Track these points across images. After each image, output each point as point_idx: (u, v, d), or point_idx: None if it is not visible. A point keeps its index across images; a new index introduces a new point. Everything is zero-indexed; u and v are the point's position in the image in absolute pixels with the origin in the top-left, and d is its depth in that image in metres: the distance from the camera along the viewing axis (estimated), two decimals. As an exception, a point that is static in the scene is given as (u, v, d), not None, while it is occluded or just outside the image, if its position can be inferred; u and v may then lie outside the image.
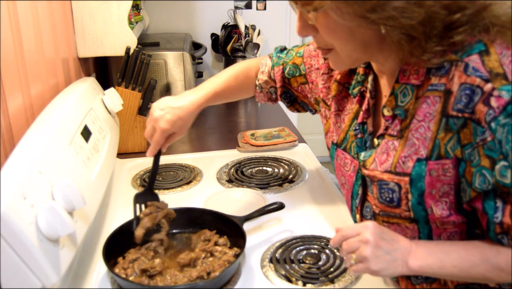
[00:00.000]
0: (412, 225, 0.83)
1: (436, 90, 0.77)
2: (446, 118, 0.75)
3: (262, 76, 1.20)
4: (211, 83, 1.12)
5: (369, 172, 0.87)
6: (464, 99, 0.73)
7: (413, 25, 0.71)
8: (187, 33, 2.25)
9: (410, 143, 0.80)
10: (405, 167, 0.81)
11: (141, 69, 1.51)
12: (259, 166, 1.45)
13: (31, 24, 1.09)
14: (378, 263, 0.77)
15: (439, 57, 0.75)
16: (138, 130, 1.55)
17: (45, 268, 0.75)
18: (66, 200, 0.84)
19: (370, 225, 0.79)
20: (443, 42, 0.74)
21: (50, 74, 1.22)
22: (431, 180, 0.78)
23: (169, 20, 2.33)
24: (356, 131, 0.92)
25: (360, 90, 0.93)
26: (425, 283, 0.89)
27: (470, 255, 0.77)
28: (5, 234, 0.70)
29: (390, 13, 0.70)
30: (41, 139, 0.89)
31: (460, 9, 0.72)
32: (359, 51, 0.81)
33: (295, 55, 1.16)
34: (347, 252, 0.80)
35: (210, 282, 0.89)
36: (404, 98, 0.81)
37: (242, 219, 1.04)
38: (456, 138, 0.75)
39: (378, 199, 0.86)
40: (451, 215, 0.79)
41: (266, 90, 1.22)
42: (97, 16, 1.45)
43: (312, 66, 1.11)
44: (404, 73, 0.81)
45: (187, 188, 1.33)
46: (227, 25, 2.28)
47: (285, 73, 1.16)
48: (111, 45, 1.49)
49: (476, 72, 0.72)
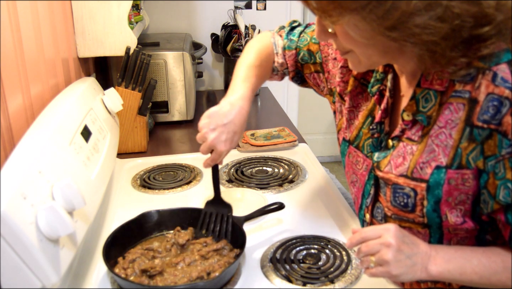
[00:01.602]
0: (424, 230, 0.82)
1: (460, 97, 0.75)
2: (470, 128, 0.74)
3: (277, 59, 1.14)
4: (246, 81, 1.04)
5: (383, 174, 0.86)
6: (491, 110, 0.71)
7: (435, 40, 0.68)
8: (187, 33, 2.25)
9: (430, 149, 0.79)
10: (422, 173, 0.79)
11: (141, 69, 1.51)
12: (259, 166, 1.45)
13: (31, 24, 1.09)
14: (399, 267, 0.75)
15: (465, 69, 0.73)
16: (138, 130, 1.55)
17: (45, 268, 0.75)
18: (66, 200, 0.84)
19: (392, 228, 0.77)
20: (469, 54, 0.71)
21: (50, 74, 1.22)
22: (449, 189, 0.77)
23: (169, 20, 2.33)
24: (373, 131, 0.91)
25: (379, 88, 0.91)
26: (429, 282, 0.88)
27: (491, 262, 0.76)
28: (5, 234, 0.70)
29: (412, 30, 0.67)
30: (41, 139, 0.89)
31: (489, 21, 0.68)
32: (378, 56, 0.79)
33: (310, 40, 1.09)
34: (366, 255, 0.78)
35: (210, 282, 0.89)
36: (426, 104, 0.79)
37: (242, 219, 1.04)
38: (479, 149, 0.73)
39: (391, 202, 0.84)
40: (465, 222, 0.78)
41: (281, 72, 1.16)
42: (97, 16, 1.45)
43: (329, 56, 1.06)
44: (427, 78, 0.79)
45: (187, 188, 1.33)
46: (227, 25, 2.28)
47: (298, 58, 1.11)
48: (111, 45, 1.49)
49: (506, 83, 0.70)
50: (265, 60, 1.12)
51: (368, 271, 0.79)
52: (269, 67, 1.15)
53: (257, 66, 1.09)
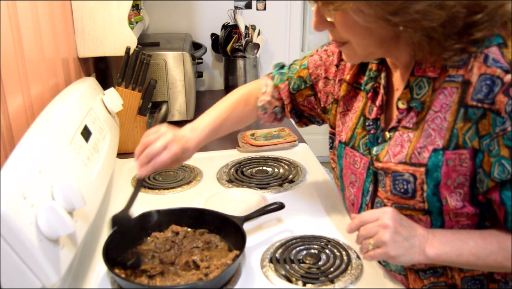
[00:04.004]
0: (425, 217, 0.83)
1: (454, 81, 0.77)
2: (465, 108, 0.76)
3: (264, 97, 1.16)
4: (206, 120, 1.08)
5: (382, 164, 0.87)
6: (484, 90, 0.73)
7: (434, 27, 0.72)
8: (187, 33, 2.25)
9: (426, 134, 0.81)
10: (420, 157, 0.81)
11: (141, 69, 1.51)
12: (259, 166, 1.45)
13: (31, 24, 1.09)
14: (397, 248, 0.78)
15: (459, 54, 0.76)
16: (138, 130, 1.55)
17: (45, 268, 0.75)
18: (66, 200, 0.84)
19: (389, 211, 0.80)
20: (463, 40, 0.75)
21: (50, 74, 1.22)
22: (448, 170, 0.79)
23: (169, 20, 2.33)
24: (370, 127, 0.92)
25: (373, 86, 0.93)
26: (432, 277, 0.89)
27: (487, 243, 0.78)
28: (5, 234, 0.70)
29: (413, 16, 0.71)
30: (41, 139, 0.89)
31: (481, 9, 0.72)
32: (375, 47, 0.82)
33: (299, 68, 1.13)
34: (365, 238, 0.80)
35: (210, 282, 0.89)
36: (420, 91, 0.82)
37: (242, 219, 1.04)
38: (474, 129, 0.75)
39: (391, 191, 0.85)
40: (465, 206, 0.80)
41: (271, 110, 1.18)
42: (97, 16, 1.45)
43: (319, 76, 1.09)
44: (420, 66, 0.82)
45: (187, 188, 1.33)
46: (227, 25, 2.28)
47: (290, 88, 1.14)
48: (111, 45, 1.49)
49: (497, 63, 0.73)
50: (243, 101, 1.15)
51: (367, 254, 0.81)
52: (248, 108, 1.17)
53: (230, 108, 1.12)
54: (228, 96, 1.17)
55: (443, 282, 0.88)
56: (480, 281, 0.87)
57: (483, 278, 0.87)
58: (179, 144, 0.98)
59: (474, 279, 0.87)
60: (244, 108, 1.16)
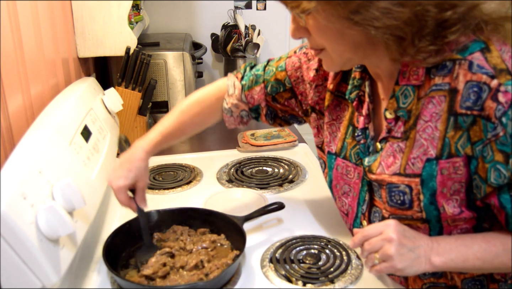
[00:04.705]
0: (423, 225, 0.83)
1: (441, 89, 0.77)
2: (454, 116, 0.75)
3: (231, 100, 1.11)
4: (158, 127, 1.06)
5: (376, 176, 0.86)
6: (472, 97, 0.73)
7: (398, 25, 0.71)
8: (187, 33, 2.25)
9: (418, 144, 0.80)
10: (415, 168, 0.80)
11: (141, 69, 1.51)
12: (259, 166, 1.45)
13: (31, 24, 1.09)
14: (403, 261, 0.77)
15: (434, 56, 0.75)
16: (138, 130, 1.55)
17: (45, 268, 0.75)
18: (66, 200, 0.84)
19: (392, 223, 0.79)
20: (437, 42, 0.74)
21: (50, 74, 1.22)
22: (443, 179, 0.78)
23: (169, 20, 2.33)
24: (359, 137, 0.91)
25: (358, 94, 0.92)
26: (432, 278, 0.89)
27: (491, 246, 0.78)
28: (5, 234, 0.70)
29: (374, 14, 0.71)
30: (41, 139, 0.89)
31: (451, 6, 0.72)
32: (350, 52, 0.81)
33: (276, 70, 1.08)
34: (370, 252, 0.80)
35: (210, 282, 0.89)
36: (406, 100, 0.81)
37: (242, 219, 1.04)
38: (466, 136, 0.75)
39: (388, 202, 0.85)
40: (463, 212, 0.80)
41: (237, 114, 1.13)
42: (97, 16, 1.45)
43: (299, 78, 1.06)
44: (404, 75, 0.81)
45: (187, 188, 1.33)
46: (227, 25, 2.28)
47: (267, 91, 1.09)
48: (111, 45, 1.49)
49: (482, 69, 0.73)
50: (208, 104, 1.13)
51: (373, 268, 0.80)
52: (210, 109, 1.13)
53: (184, 112, 1.10)
54: (188, 98, 1.13)
55: (443, 283, 0.88)
56: (480, 282, 0.87)
57: (483, 278, 0.87)
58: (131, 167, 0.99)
59: (474, 280, 0.86)
60: (204, 111, 1.12)
